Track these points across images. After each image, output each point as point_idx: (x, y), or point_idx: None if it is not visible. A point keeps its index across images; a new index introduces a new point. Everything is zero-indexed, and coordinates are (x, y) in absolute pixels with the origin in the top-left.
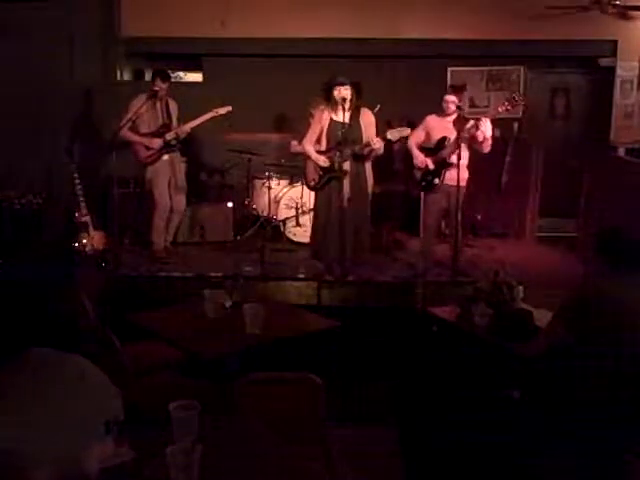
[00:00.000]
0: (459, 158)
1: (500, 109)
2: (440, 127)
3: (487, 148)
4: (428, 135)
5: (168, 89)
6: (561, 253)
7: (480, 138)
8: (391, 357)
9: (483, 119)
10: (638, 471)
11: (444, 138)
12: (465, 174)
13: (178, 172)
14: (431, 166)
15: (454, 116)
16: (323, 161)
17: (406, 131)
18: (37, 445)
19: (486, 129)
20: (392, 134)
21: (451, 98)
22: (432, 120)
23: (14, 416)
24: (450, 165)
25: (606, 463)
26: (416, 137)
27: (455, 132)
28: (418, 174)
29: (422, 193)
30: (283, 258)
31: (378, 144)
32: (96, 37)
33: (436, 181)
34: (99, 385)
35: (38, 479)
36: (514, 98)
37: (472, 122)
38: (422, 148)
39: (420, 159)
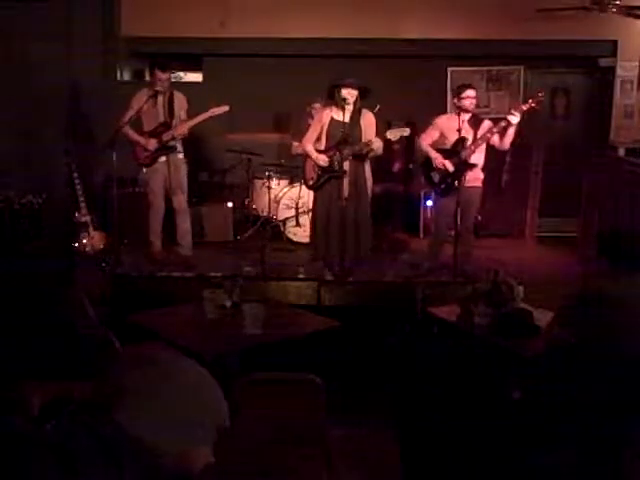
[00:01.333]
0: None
1: (524, 107)
2: (455, 127)
3: (508, 145)
4: (442, 136)
5: (169, 80)
6: (561, 253)
7: (510, 136)
8: (391, 357)
9: (513, 115)
10: (637, 471)
11: (462, 139)
12: (481, 175)
13: (175, 173)
14: (450, 168)
15: (469, 115)
16: (323, 161)
17: (406, 131)
18: (151, 436)
19: (515, 121)
20: (392, 133)
21: (472, 93)
22: (445, 120)
23: (132, 407)
24: (471, 166)
25: (606, 463)
26: (429, 138)
27: (471, 131)
28: (436, 177)
29: (434, 195)
30: (283, 258)
31: (377, 143)
32: (96, 37)
33: (456, 184)
34: (211, 389)
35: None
36: (539, 95)
37: (502, 121)
38: (438, 149)
39: (439, 161)
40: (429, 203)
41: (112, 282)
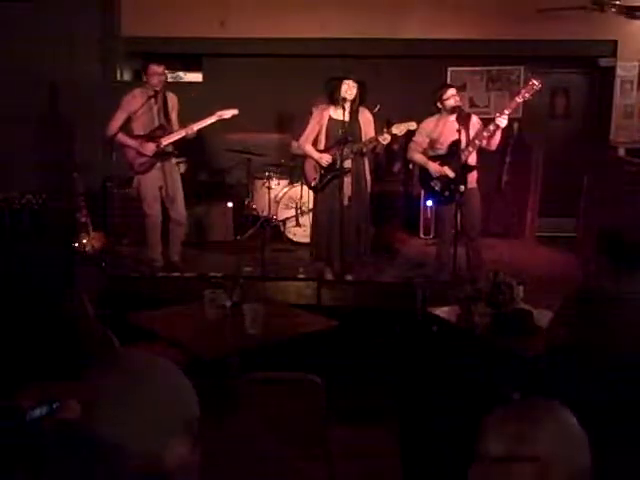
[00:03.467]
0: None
1: (518, 99)
2: (446, 129)
3: (495, 147)
4: (433, 141)
5: (165, 75)
6: (561, 253)
7: (497, 138)
8: (391, 357)
9: (500, 118)
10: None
11: (458, 140)
12: (476, 174)
13: (170, 179)
14: (451, 174)
15: (455, 114)
16: (326, 160)
17: (412, 124)
18: (124, 440)
19: (503, 124)
20: (398, 128)
21: (453, 91)
22: (434, 123)
23: (105, 412)
24: (472, 168)
25: (606, 463)
26: (419, 147)
27: (463, 131)
28: (438, 186)
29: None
30: (283, 258)
31: (388, 138)
32: (96, 37)
33: (462, 188)
34: (181, 385)
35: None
36: (532, 83)
37: (491, 125)
38: (433, 157)
39: (436, 169)
40: (429, 203)
41: (112, 282)
